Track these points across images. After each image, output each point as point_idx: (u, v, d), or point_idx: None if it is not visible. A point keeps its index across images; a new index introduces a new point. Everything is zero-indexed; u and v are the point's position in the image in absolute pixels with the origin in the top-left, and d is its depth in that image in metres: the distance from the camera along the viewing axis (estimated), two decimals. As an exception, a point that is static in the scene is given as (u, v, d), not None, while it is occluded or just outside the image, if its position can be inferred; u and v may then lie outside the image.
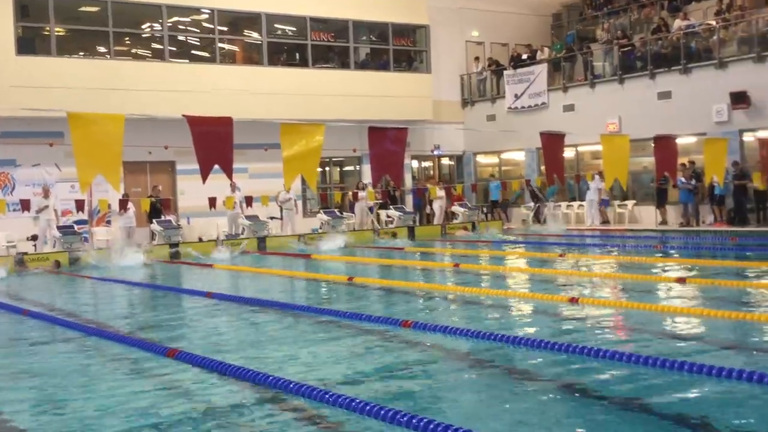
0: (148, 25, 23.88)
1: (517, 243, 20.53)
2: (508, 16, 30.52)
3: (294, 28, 26.51)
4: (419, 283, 13.33)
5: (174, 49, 23.88)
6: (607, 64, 25.98)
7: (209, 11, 24.12)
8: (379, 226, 25.43)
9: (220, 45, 24.65)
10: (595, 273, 13.44)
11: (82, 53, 22.84)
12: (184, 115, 6.14)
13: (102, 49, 22.94)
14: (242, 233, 23.10)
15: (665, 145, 9.68)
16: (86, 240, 21.58)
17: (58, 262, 18.69)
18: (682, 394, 5.72)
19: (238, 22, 25.60)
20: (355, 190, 25.80)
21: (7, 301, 12.71)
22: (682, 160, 20.53)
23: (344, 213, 25.50)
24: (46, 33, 21.80)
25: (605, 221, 24.73)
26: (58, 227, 20.56)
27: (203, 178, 6.16)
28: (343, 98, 25.12)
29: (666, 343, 7.52)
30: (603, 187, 23.76)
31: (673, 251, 16.74)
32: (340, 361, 7.30)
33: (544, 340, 7.40)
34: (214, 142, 6.30)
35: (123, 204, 20.81)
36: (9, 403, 6.30)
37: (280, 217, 24.21)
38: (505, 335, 7.73)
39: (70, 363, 7.84)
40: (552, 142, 9.12)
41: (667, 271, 12.97)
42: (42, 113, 12.62)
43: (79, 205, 19.59)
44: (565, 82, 26.69)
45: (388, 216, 26.00)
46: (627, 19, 27.66)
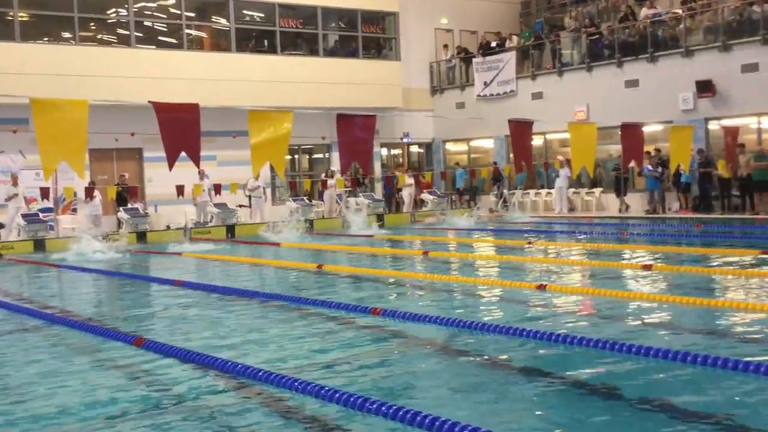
0: (114, 10, 23.56)
1: (486, 230, 20.62)
2: (477, 4, 30.57)
3: (262, 15, 26.32)
4: (389, 270, 13.34)
5: (140, 35, 23.60)
6: (575, 53, 26.14)
7: (176, -4, 23.87)
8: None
9: (188, 31, 24.40)
10: (562, 260, 13.54)
11: (46, 39, 22.49)
12: (150, 102, 6.06)
13: (67, 35, 22.60)
14: (211, 221, 22.97)
15: (632, 133, 9.76)
16: (51, 228, 21.31)
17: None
18: (649, 379, 5.79)
19: (206, 7, 25.38)
20: (324, 178, 25.75)
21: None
22: (648, 148, 20.73)
23: (313, 201, 25.45)
24: (10, 18, 21.42)
25: (572, 209, 24.94)
26: (23, 215, 20.29)
27: (170, 166, 6.10)
28: (312, 85, 25.02)
29: (632, 329, 7.60)
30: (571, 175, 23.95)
31: (639, 238, 16.92)
32: (309, 349, 7.28)
33: (513, 326, 7.44)
34: (181, 128, 6.23)
35: (89, 192, 20.56)
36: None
37: (249, 205, 24.10)
38: (474, 322, 7.77)
39: (32, 352, 7.75)
40: (520, 130, 9.16)
41: (634, 258, 13.12)
42: (5, 99, 12.47)
43: (45, 193, 19.33)
44: (533, 70, 26.81)
45: (357, 204, 25.98)
46: (595, 8, 27.84)
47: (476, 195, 28.22)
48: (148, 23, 24.17)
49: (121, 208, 21.53)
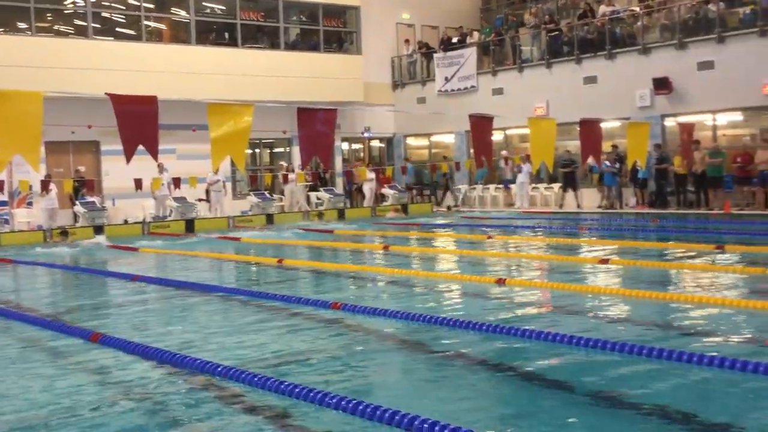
0: (71, 1, 23.18)
1: (446, 225, 20.72)
2: (439, -1, 30.65)
3: (223, 7, 26.11)
4: (349, 265, 13.35)
5: (98, 26, 23.25)
6: (534, 49, 26.34)
7: (135, -12, 23.55)
8: (309, 208, 25.36)
9: (147, 23, 24.09)
10: (521, 254, 13.66)
11: (1, 29, 22.03)
12: (107, 93, 5.99)
13: (23, 25, 22.18)
14: (170, 215, 22.75)
15: (590, 129, 9.88)
16: (6, 222, 20.93)
17: None
18: (606, 373, 5.87)
19: (165, -1, 25.08)
20: (285, 172, 25.64)
21: None
22: (606, 144, 21.00)
23: (274, 195, 25.35)
24: (-37, 7, 20.98)
25: (531, 204, 25.17)
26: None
27: (127, 159, 6.03)
28: (273, 79, 24.87)
29: (590, 323, 7.70)
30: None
31: (597, 233, 17.13)
32: (269, 344, 7.26)
33: (472, 320, 7.50)
34: (139, 121, 6.16)
35: (45, 185, 20.22)
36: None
37: (208, 200, 23.90)
38: (434, 316, 7.81)
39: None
40: (480, 125, 9.21)
41: (591, 253, 13.28)
42: (-42, 90, 12.28)
43: (-1, 186, 18.96)
44: (494, 66, 26.96)
45: (318, 198, 25.94)
46: (554, 4, 28.07)
47: (437, 190, 28.33)
48: (106, 14, 23.82)
49: (78, 202, 21.22)
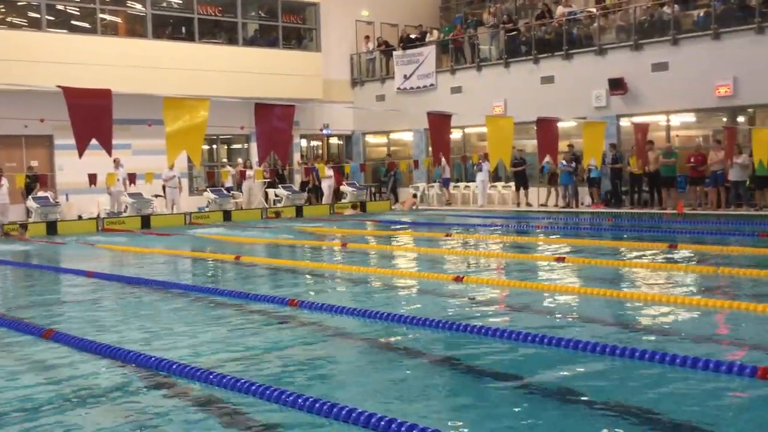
0: (25, -8, 22.74)
1: (405, 223, 20.76)
2: (399, -3, 30.67)
3: (180, 1, 25.81)
4: (307, 262, 13.30)
5: (52, 19, 22.84)
6: (493, 48, 26.51)
7: (90, -20, 23.17)
8: (267, 205, 25.24)
9: (102, 16, 23.72)
10: (479, 252, 13.74)
11: (-49, 20, 21.55)
12: (59, 86, 5.87)
13: (-27, 17, 21.71)
14: (125, 211, 22.47)
15: (547, 128, 9.97)
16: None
17: None
18: (561, 370, 5.92)
19: (121, -8, 24.72)
20: (243, 169, 25.47)
21: None
22: (563, 144, 21.22)
23: (231, 191, 25.17)
24: None
25: (489, 202, 25.33)
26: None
27: (79, 153, 5.92)
28: (231, 75, 24.67)
29: (546, 320, 7.78)
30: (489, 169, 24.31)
31: (553, 232, 17.31)
32: (226, 341, 7.20)
33: (429, 318, 7.52)
34: (92, 115, 6.05)
35: (-5, 179, 19.83)
36: None
37: (164, 195, 23.65)
38: (391, 313, 7.82)
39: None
40: (439, 123, 9.24)
41: (548, 251, 13.42)
42: None
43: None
44: (452, 65, 27.07)
45: (276, 195, 25.82)
46: (513, 4, 28.25)
47: (396, 188, 28.38)
48: (60, 6, 23.39)
49: (30, 197, 20.83)
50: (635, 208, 21.38)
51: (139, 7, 24.49)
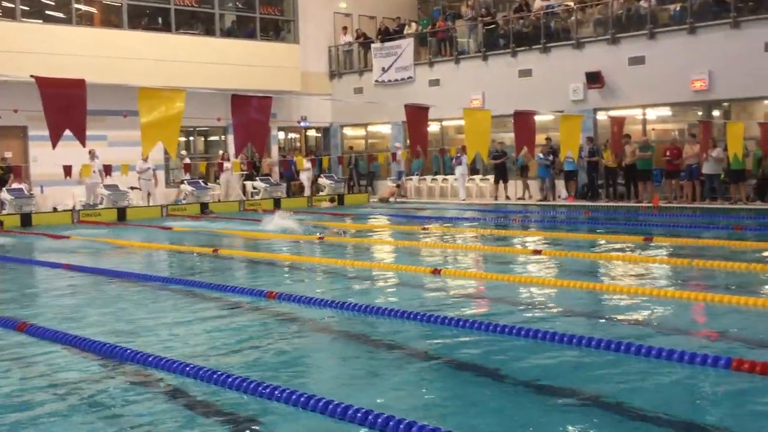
0: (-2, -19, 22.43)
1: (382, 215, 20.76)
2: (376, -11, 30.60)
3: (156, -9, 25.57)
4: (285, 254, 13.27)
5: (26, 9, 22.55)
6: (471, 41, 26.53)
7: (65, -31, 22.91)
8: (245, 197, 25.15)
9: (77, 6, 23.46)
10: (457, 245, 13.77)
11: None
12: (32, 76, 5.80)
13: (-55, 6, 21.39)
14: (101, 203, 22.28)
15: (524, 121, 9.99)
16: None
17: None
18: (538, 361, 5.95)
19: (97, -18, 24.46)
20: (220, 161, 25.33)
21: None
22: (540, 137, 21.31)
23: (209, 184, 25.05)
24: None
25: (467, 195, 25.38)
26: None
27: (53, 144, 5.85)
28: (208, 66, 24.49)
29: (522, 312, 7.81)
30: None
31: (531, 225, 17.39)
32: (203, 333, 7.17)
33: (407, 310, 7.53)
34: (66, 105, 5.98)
35: (-31, 171, 19.59)
36: None
37: (140, 187, 23.46)
38: (369, 306, 7.82)
39: None
40: (416, 115, 9.22)
41: (525, 244, 13.47)
42: None
43: None
44: (431, 57, 27.06)
45: (254, 187, 25.72)
46: (491, -3, 28.27)
47: (374, 180, 28.38)
48: (34, -4, 23.12)
49: (4, 189, 20.60)
50: (611, 202, 21.52)
51: (115, -3, 24.25)
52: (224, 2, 26.97)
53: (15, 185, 20.86)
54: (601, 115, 22.73)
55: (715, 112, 21.51)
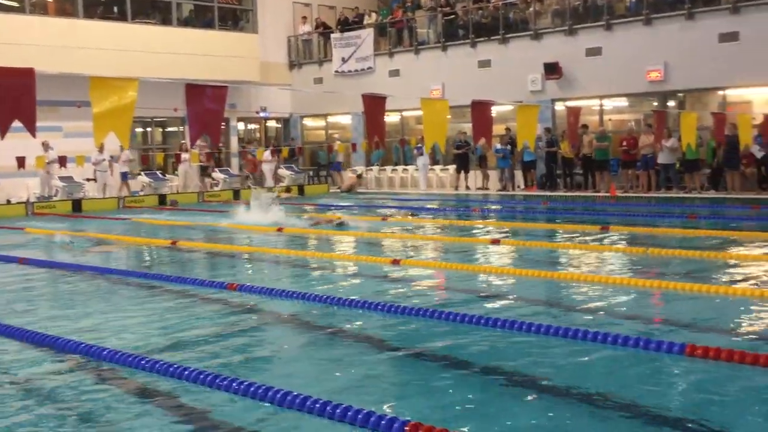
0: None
1: (343, 206, 20.72)
2: (336, -22, 30.47)
3: (111, -20, 25.19)
4: (245, 246, 13.18)
5: (-24, -4, 22.08)
6: (431, 31, 26.57)
7: (17, -43, 22.45)
8: (205, 189, 24.92)
9: (30, -6, 23.03)
10: (416, 236, 13.80)
11: None
12: (-20, 66, 5.70)
13: None
14: (56, 195, 21.93)
15: (481, 111, 10.05)
16: None
17: None
18: (497, 349, 5.99)
19: (50, -30, 24.01)
20: (178, 152, 25.07)
21: None
22: (500, 127, 21.43)
23: (167, 175, 24.78)
24: None
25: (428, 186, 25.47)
26: None
27: (1, 134, 5.74)
28: (165, 56, 24.21)
29: (481, 301, 7.85)
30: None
31: (489, 214, 17.49)
32: (160, 326, 7.09)
33: (367, 300, 7.53)
34: (14, 95, 5.86)
35: None
36: None
37: (95, 179, 23.13)
38: (330, 296, 7.80)
39: None
40: (374, 105, 9.22)
41: (484, 234, 13.55)
42: None
43: None
44: (390, 48, 27.04)
45: (214, 179, 25.50)
46: (450, -12, 28.30)
47: (337, 170, 28.32)
48: (-15, -16, 22.64)
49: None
50: (569, 191, 21.74)
51: (69, -15, 23.83)
52: (181, -9, 26.67)
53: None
54: (559, 106, 22.94)
55: (671, 103, 21.82)
